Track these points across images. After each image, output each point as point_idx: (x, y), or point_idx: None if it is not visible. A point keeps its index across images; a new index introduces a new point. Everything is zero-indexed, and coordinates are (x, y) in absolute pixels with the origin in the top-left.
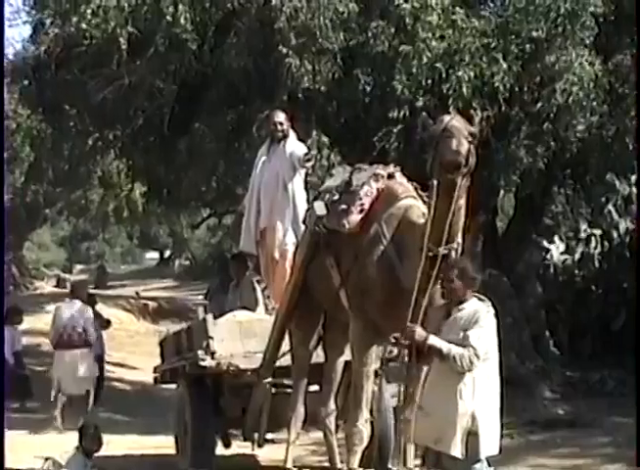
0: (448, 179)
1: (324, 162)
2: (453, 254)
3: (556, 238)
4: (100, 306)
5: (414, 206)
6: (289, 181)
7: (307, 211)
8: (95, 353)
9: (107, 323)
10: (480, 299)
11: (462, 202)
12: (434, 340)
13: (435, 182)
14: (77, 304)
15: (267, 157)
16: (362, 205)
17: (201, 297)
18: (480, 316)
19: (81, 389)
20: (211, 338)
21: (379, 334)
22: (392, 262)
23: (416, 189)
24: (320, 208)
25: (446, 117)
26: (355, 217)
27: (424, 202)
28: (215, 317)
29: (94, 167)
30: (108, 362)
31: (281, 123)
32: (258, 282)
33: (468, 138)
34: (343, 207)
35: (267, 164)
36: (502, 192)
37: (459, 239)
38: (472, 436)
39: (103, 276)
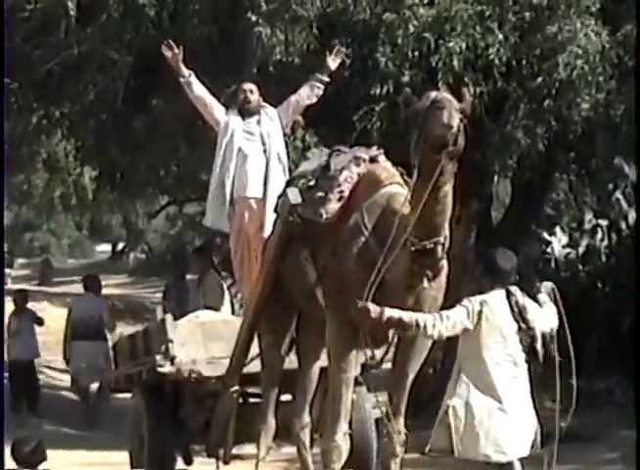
0: (434, 160)
1: (298, 143)
2: (440, 249)
3: (557, 229)
4: (44, 305)
5: (399, 193)
6: (282, 151)
7: (279, 198)
8: (25, 357)
9: (38, 321)
10: (509, 291)
11: (448, 189)
12: (390, 312)
13: (418, 163)
14: (92, 297)
15: (242, 128)
16: (341, 192)
17: (159, 295)
18: (465, 299)
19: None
20: (171, 341)
21: (359, 337)
22: (374, 256)
23: (402, 174)
24: (294, 195)
25: (433, 92)
26: (333, 206)
27: (409, 189)
28: (176, 318)
29: (38, 149)
30: (53, 369)
31: (251, 91)
32: (224, 278)
33: (459, 112)
34: (320, 194)
35: (244, 134)
36: (497, 178)
37: (446, 231)
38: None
39: (48, 271)
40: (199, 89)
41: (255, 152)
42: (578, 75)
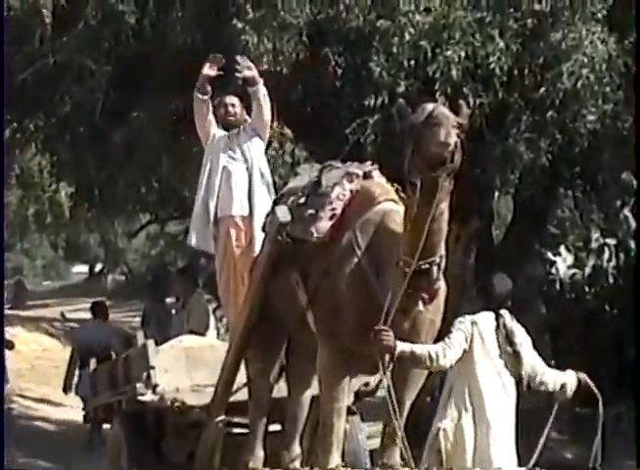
0: (430, 178)
1: (287, 158)
2: (435, 269)
3: (562, 249)
4: (17, 330)
5: (393, 210)
6: (264, 168)
7: (268, 216)
8: None
9: (9, 344)
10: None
11: (444, 206)
12: (403, 346)
13: (415, 182)
14: (100, 324)
15: (225, 143)
16: (333, 209)
17: (139, 319)
18: (456, 322)
19: None
20: (153, 368)
21: (352, 363)
22: (368, 278)
23: (397, 191)
24: (283, 213)
25: (429, 105)
26: (325, 224)
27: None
28: (157, 343)
29: (11, 164)
30: (27, 398)
31: (233, 105)
32: (209, 301)
33: (456, 129)
34: (311, 212)
35: (228, 150)
36: (498, 194)
37: (442, 251)
38: None
39: (21, 294)
40: (210, 111)
41: (238, 169)
42: (584, 85)
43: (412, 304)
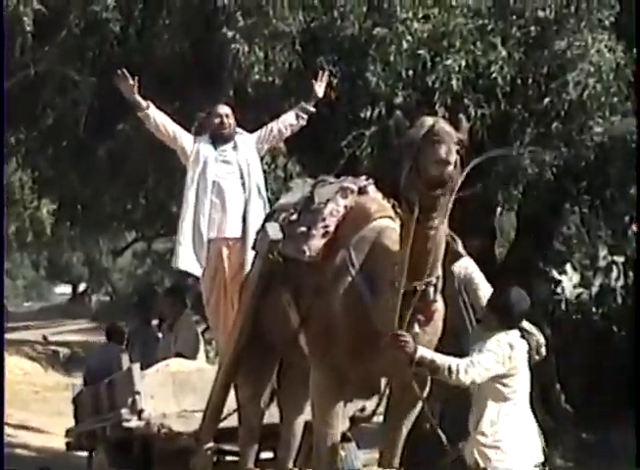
0: (430, 196)
1: (279, 173)
2: (432, 290)
3: (568, 267)
4: None
5: (390, 228)
6: (261, 183)
7: (258, 234)
8: None
9: None
10: (523, 330)
11: (442, 225)
12: (424, 351)
13: (413, 199)
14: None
15: (215, 157)
16: (326, 226)
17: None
18: (491, 341)
19: None
20: (138, 393)
21: (346, 387)
22: (363, 298)
23: (394, 207)
24: (274, 230)
25: (428, 119)
26: (318, 242)
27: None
28: (143, 367)
29: None
30: (8, 424)
31: (227, 115)
32: (198, 323)
33: (456, 145)
34: (303, 229)
35: (219, 164)
36: (501, 210)
37: (439, 271)
38: None
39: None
40: (160, 119)
41: (233, 185)
42: (590, 96)
43: (408, 325)
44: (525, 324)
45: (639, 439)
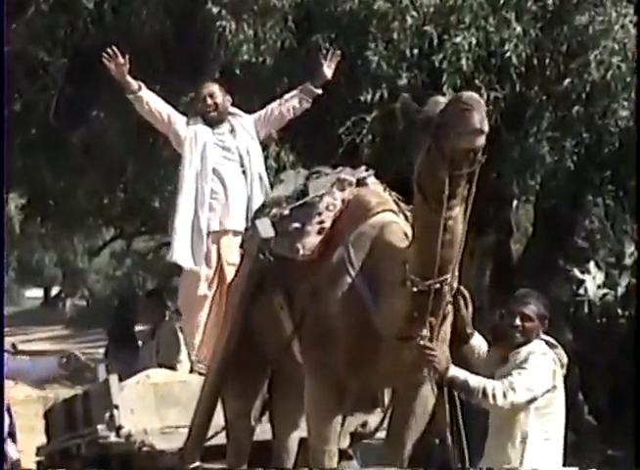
0: (454, 178)
1: (271, 163)
2: (447, 289)
3: (591, 265)
4: None
5: (392, 223)
6: (262, 171)
7: (247, 231)
8: None
9: None
10: (549, 343)
11: (458, 214)
12: (456, 371)
13: (424, 183)
14: None
15: (214, 142)
16: (322, 222)
17: (102, 350)
18: (530, 358)
19: None
20: (117, 407)
21: (346, 399)
22: (364, 301)
23: (396, 201)
24: (265, 227)
25: (440, 97)
26: (313, 240)
27: (406, 218)
28: (122, 379)
29: None
30: None
31: (212, 95)
32: (182, 329)
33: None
34: (297, 225)
35: (218, 149)
36: (517, 203)
37: (455, 268)
38: None
39: None
40: (153, 103)
41: (233, 172)
42: (614, 76)
43: (417, 329)
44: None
45: (639, 439)
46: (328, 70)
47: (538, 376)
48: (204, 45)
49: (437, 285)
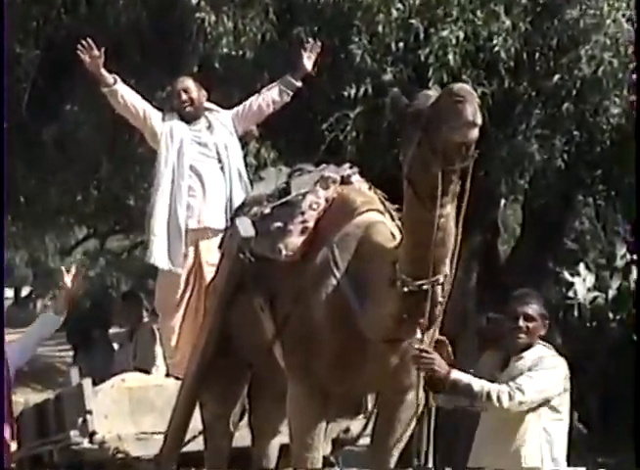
0: (446, 173)
1: (251, 160)
2: (439, 290)
3: (582, 267)
4: None
5: (378, 222)
6: (242, 168)
7: (226, 230)
8: None
9: None
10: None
11: (450, 212)
12: (458, 374)
13: (418, 182)
14: None
15: (191, 138)
16: (305, 222)
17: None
18: (544, 359)
19: None
20: (90, 412)
21: (329, 405)
22: (349, 303)
23: (381, 200)
24: (245, 226)
25: (431, 91)
26: (295, 240)
27: (392, 217)
28: (95, 383)
29: None
30: None
31: (187, 90)
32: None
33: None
34: (279, 225)
35: (195, 146)
36: (505, 202)
37: (447, 268)
38: None
39: None
40: (128, 97)
41: (211, 169)
42: (606, 72)
43: (406, 332)
44: None
45: (638, 439)
46: (308, 63)
47: (553, 377)
48: (181, 37)
49: (430, 285)
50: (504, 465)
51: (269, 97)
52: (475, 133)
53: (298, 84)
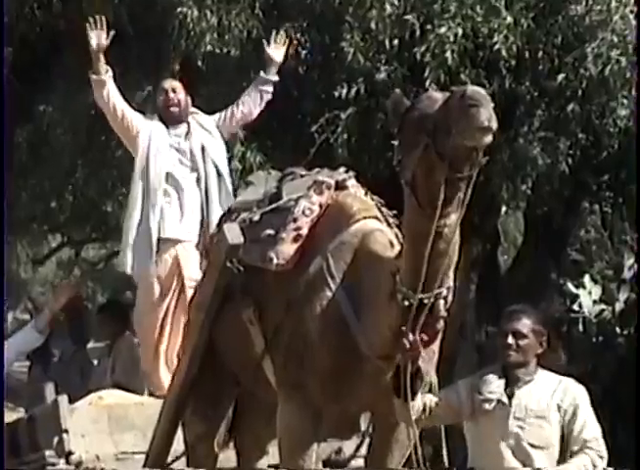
0: (452, 181)
1: (236, 164)
2: (442, 304)
3: (587, 279)
4: None
5: (377, 230)
6: (225, 174)
7: (212, 238)
8: None
9: None
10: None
11: (455, 221)
12: None
13: (425, 189)
14: None
15: (170, 143)
16: (298, 229)
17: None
18: (578, 396)
19: None
20: (66, 432)
21: (321, 424)
22: (345, 316)
23: (379, 206)
24: (233, 233)
25: (436, 93)
26: (287, 248)
27: (389, 225)
28: (72, 400)
29: None
30: None
31: (174, 90)
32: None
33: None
34: (270, 232)
35: (173, 152)
36: (506, 209)
37: (451, 281)
38: None
39: None
40: (113, 93)
41: (187, 178)
42: (613, 71)
43: (406, 348)
44: None
45: (639, 440)
46: (276, 53)
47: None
48: (162, 34)
49: (432, 299)
50: None
51: (250, 101)
52: (489, 138)
53: (275, 78)
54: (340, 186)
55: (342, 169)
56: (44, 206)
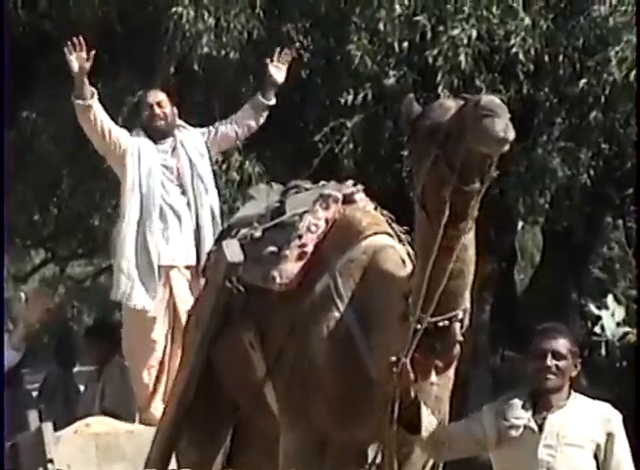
0: (464, 194)
1: (233, 175)
2: (457, 327)
3: (609, 299)
4: None
5: (388, 247)
6: (215, 204)
7: (210, 255)
8: None
9: None
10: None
11: (469, 239)
12: None
13: (427, 201)
14: None
15: (159, 163)
16: (303, 246)
17: (34, 393)
18: (615, 425)
19: None
20: (51, 462)
21: (327, 455)
22: (353, 339)
23: (389, 221)
24: (233, 250)
25: (448, 100)
26: (292, 266)
27: (401, 241)
28: (57, 428)
29: None
30: None
31: (159, 104)
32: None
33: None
34: (272, 249)
35: (162, 169)
36: (523, 224)
37: (467, 302)
38: None
39: None
40: (100, 117)
41: (177, 197)
42: (638, 77)
43: (420, 374)
44: None
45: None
46: (278, 74)
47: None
48: (156, 35)
49: (447, 322)
50: None
51: (241, 122)
52: (504, 148)
53: (271, 102)
54: (347, 200)
55: (349, 182)
56: (27, 219)
